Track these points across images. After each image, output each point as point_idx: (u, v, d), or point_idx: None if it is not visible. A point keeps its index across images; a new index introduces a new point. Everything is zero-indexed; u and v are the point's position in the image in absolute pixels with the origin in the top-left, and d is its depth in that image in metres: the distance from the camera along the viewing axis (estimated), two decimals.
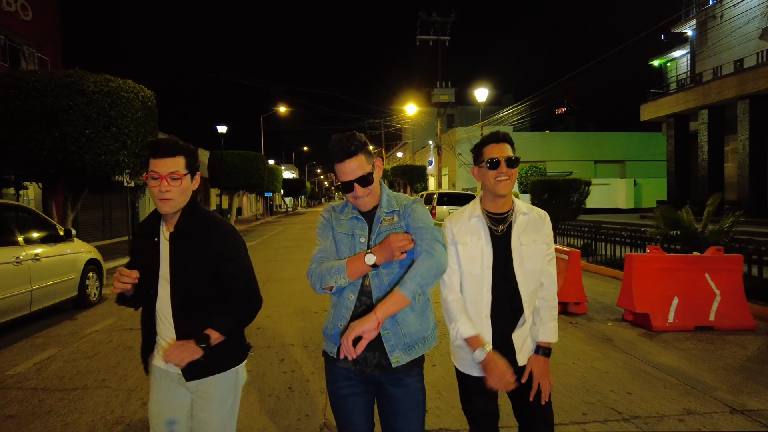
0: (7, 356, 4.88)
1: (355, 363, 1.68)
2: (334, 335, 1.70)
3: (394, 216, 1.74)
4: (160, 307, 1.80)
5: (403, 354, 1.65)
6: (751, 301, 6.25)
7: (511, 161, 1.84)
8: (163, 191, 1.68)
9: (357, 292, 1.69)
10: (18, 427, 3.27)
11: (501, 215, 1.91)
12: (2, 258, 5.39)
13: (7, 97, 9.44)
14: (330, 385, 1.76)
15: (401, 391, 1.68)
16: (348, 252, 1.73)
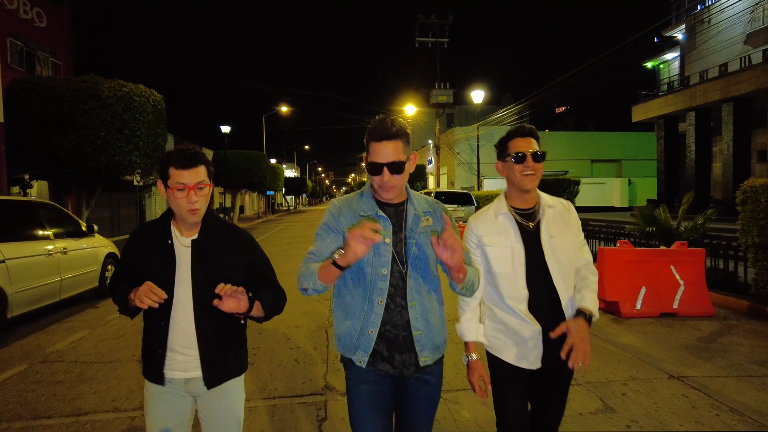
0: (45, 337, 5.50)
1: (394, 366, 1.64)
2: (365, 343, 1.63)
3: (429, 218, 1.71)
4: (177, 314, 1.71)
5: (431, 354, 1.67)
6: (713, 290, 6.87)
7: (537, 156, 1.82)
8: (192, 201, 1.67)
9: (385, 295, 1.63)
10: (68, 390, 3.89)
11: (528, 210, 1.88)
12: (37, 250, 6.01)
13: (28, 101, 10.06)
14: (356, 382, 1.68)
15: (426, 390, 1.70)
16: (372, 254, 1.63)
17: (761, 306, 6.03)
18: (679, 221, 8.64)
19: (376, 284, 1.63)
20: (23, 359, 4.70)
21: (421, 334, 1.63)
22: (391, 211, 1.68)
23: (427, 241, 1.65)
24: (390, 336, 1.63)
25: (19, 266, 5.56)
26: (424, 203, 1.73)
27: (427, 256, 1.67)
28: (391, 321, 1.63)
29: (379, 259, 1.63)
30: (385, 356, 1.64)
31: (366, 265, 1.65)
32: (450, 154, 31.53)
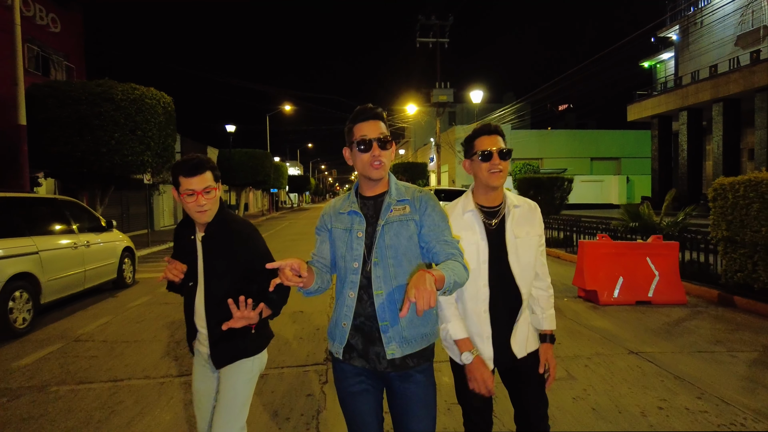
0: (73, 322, 6.07)
1: (368, 361, 1.64)
2: (339, 335, 1.68)
3: (406, 206, 1.68)
4: (197, 299, 1.98)
5: (399, 347, 1.61)
6: (689, 281, 7.38)
7: (503, 153, 1.84)
8: (201, 205, 1.85)
9: (356, 288, 1.65)
10: (102, 362, 4.45)
11: (493, 208, 1.90)
12: (65, 243, 6.58)
13: (46, 105, 10.63)
14: (338, 383, 1.72)
15: (411, 387, 1.65)
16: (344, 248, 1.68)
17: (729, 295, 6.53)
18: (661, 217, 9.15)
19: (347, 277, 1.66)
20: (58, 339, 5.27)
21: (387, 324, 1.60)
22: (371, 203, 1.71)
23: (401, 230, 1.64)
24: (365, 328, 1.64)
25: (49, 257, 6.13)
26: (403, 191, 1.70)
27: (399, 244, 1.64)
28: (365, 313, 1.63)
29: (351, 253, 1.66)
30: (360, 350, 1.65)
31: (339, 259, 1.71)
32: (451, 153, 32.04)
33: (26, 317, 5.58)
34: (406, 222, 1.64)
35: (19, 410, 3.47)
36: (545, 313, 1.92)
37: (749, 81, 13.58)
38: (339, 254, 1.70)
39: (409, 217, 1.65)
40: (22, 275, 5.59)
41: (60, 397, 3.69)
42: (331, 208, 1.79)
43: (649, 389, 3.65)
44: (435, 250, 1.63)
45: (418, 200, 1.68)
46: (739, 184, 6.42)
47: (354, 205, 1.70)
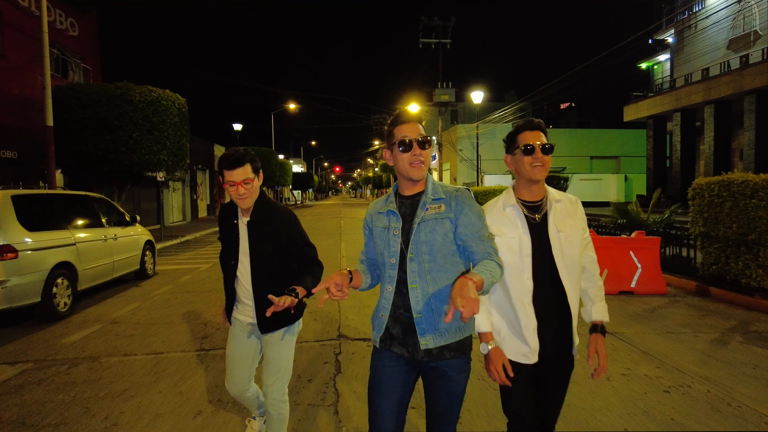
0: (106, 307, 6.70)
1: (407, 349, 1.73)
2: (378, 325, 1.81)
3: (441, 205, 1.74)
4: (241, 274, 2.32)
5: (433, 338, 1.68)
6: (671, 273, 7.96)
7: (545, 148, 1.86)
8: (240, 194, 2.17)
9: (394, 282, 1.75)
10: (141, 339, 5.07)
11: (536, 203, 1.92)
12: (96, 236, 7.20)
13: (70, 106, 11.25)
14: (374, 362, 1.82)
15: (445, 384, 1.73)
16: (382, 245, 1.79)
17: (705, 286, 7.10)
18: (648, 214, 9.72)
19: (386, 272, 1.77)
20: (96, 321, 5.90)
21: (421, 317, 1.68)
22: (408, 202, 1.80)
23: (436, 227, 1.72)
24: (403, 319, 1.73)
25: (84, 248, 6.75)
26: (440, 190, 1.78)
27: (435, 242, 1.71)
28: (404, 305, 1.73)
29: (389, 250, 1.76)
30: (400, 339, 1.74)
31: (378, 255, 1.84)
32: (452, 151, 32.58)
33: (66, 302, 6.20)
34: (441, 220, 1.72)
35: (80, 375, 4.09)
36: (596, 305, 1.92)
37: (739, 84, 14.10)
38: (378, 251, 1.83)
39: (444, 215, 1.72)
40: (63, 264, 6.21)
41: (111, 366, 4.31)
42: (372, 208, 1.92)
43: (617, 361, 4.25)
44: (472, 249, 1.71)
45: (454, 199, 1.75)
46: (713, 184, 6.99)
47: (392, 204, 1.81)
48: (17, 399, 3.62)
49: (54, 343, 5.02)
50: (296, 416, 3.23)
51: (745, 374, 3.93)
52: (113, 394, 3.67)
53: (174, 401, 3.52)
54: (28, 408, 3.46)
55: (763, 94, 14.11)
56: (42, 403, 3.54)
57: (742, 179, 6.56)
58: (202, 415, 3.28)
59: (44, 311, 5.82)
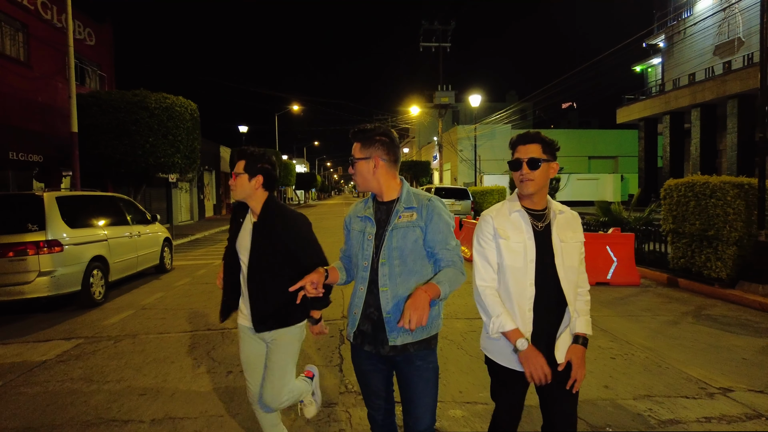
0: (134, 296, 7.49)
1: (375, 346, 1.88)
2: (351, 322, 1.95)
3: (413, 213, 1.86)
4: (243, 275, 2.32)
5: (398, 336, 1.83)
6: (646, 266, 8.70)
7: (533, 162, 1.87)
8: (230, 185, 2.31)
9: (366, 283, 1.89)
10: (171, 321, 5.86)
11: (539, 212, 1.95)
12: (123, 233, 7.99)
13: (91, 113, 12.07)
14: (354, 360, 2.02)
15: (412, 370, 1.87)
16: (357, 248, 1.94)
17: (675, 277, 7.84)
18: (629, 213, 10.47)
19: (359, 273, 1.92)
20: (129, 307, 6.69)
21: (390, 317, 1.83)
22: (384, 208, 1.93)
23: (407, 234, 1.85)
24: (373, 318, 1.88)
25: (114, 244, 7.55)
26: (412, 199, 1.89)
27: (405, 248, 1.84)
28: (375, 304, 1.87)
29: (362, 253, 1.91)
30: (370, 337, 1.89)
31: (354, 256, 1.99)
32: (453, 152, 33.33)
33: (101, 291, 7.00)
34: (413, 228, 1.84)
35: (126, 348, 4.88)
36: (580, 317, 1.91)
37: (722, 89, 14.78)
38: (353, 252, 1.98)
39: (416, 224, 1.85)
40: (98, 258, 7.00)
41: (150, 341, 5.10)
42: (353, 209, 2.06)
43: None
44: (438, 256, 1.85)
45: (425, 208, 1.86)
46: (680, 185, 7.73)
47: (369, 210, 1.95)
48: (80, 364, 4.41)
49: (97, 324, 5.82)
50: None
51: (683, 345, 4.69)
52: (157, 360, 4.46)
53: (208, 364, 4.32)
54: (90, 370, 4.25)
55: (744, 99, 14.82)
56: (100, 366, 4.33)
57: (703, 181, 7.30)
58: (233, 374, 4.07)
59: (83, 298, 6.62)
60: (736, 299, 6.60)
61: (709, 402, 3.44)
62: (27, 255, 5.89)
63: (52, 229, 6.15)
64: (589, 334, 1.90)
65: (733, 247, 6.96)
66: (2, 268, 5.79)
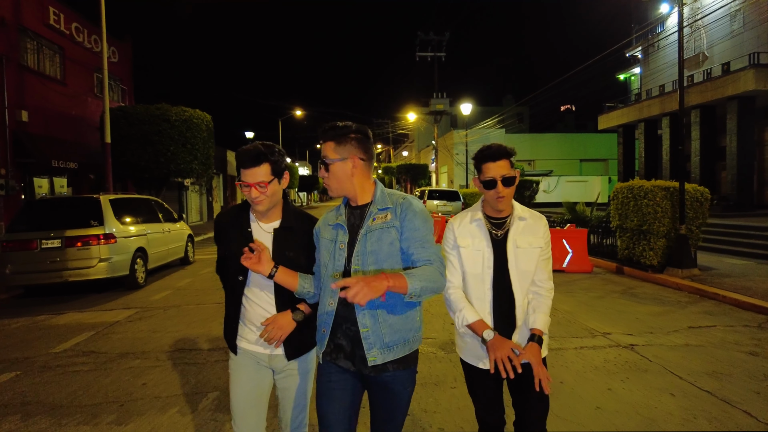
0: (168, 281, 9.03)
1: (354, 363, 1.70)
2: (320, 340, 1.77)
3: (388, 213, 1.73)
4: (252, 293, 1.91)
5: (380, 353, 1.65)
6: (601, 257, 10.19)
7: (507, 180, 1.89)
8: (254, 197, 1.83)
9: (336, 296, 1.70)
10: (205, 296, 7.38)
11: (501, 219, 2.00)
12: (157, 229, 9.52)
13: (119, 125, 13.63)
14: (319, 377, 1.79)
15: (389, 396, 1.72)
16: (327, 257, 1.76)
17: (621, 266, 9.33)
18: (591, 212, 11.99)
19: (327, 286, 1.72)
20: (167, 289, 8.23)
21: (368, 331, 1.65)
22: (357, 213, 1.78)
23: (382, 236, 1.69)
24: (350, 333, 1.70)
25: (152, 238, 9.09)
26: (387, 199, 1.75)
27: (381, 251, 1.69)
28: (351, 318, 1.68)
29: (333, 263, 1.73)
30: (347, 352, 1.71)
31: (321, 267, 1.80)
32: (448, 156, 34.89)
33: (143, 276, 8.55)
34: (388, 229, 1.70)
35: (174, 313, 6.42)
36: (537, 315, 1.94)
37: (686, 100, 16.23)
38: (322, 262, 1.78)
39: (391, 224, 1.70)
40: (140, 248, 8.55)
41: (191, 309, 6.63)
42: (324, 218, 1.88)
43: None
44: (414, 255, 1.68)
45: (399, 206, 1.72)
46: (624, 188, 9.24)
47: (341, 218, 1.78)
48: (144, 322, 5.96)
49: (146, 299, 7.36)
50: None
51: (596, 311, 6.19)
52: (201, 320, 5.99)
53: None
54: (153, 326, 5.78)
55: (705, 109, 16.32)
56: (160, 324, 5.87)
57: (639, 185, 8.81)
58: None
59: (130, 281, 8.16)
60: (662, 281, 8.10)
61: (590, 339, 4.96)
62: (90, 245, 7.44)
63: (108, 224, 7.70)
64: (544, 331, 1.93)
65: (662, 239, 8.46)
66: (73, 255, 7.35)
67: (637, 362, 4.32)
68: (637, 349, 4.67)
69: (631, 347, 4.72)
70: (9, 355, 4.86)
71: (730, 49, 16.35)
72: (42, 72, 13.79)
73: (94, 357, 4.70)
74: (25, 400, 3.73)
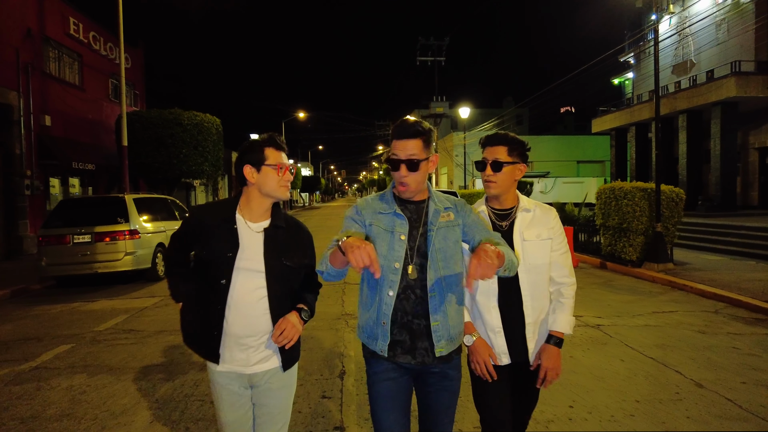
0: None
1: (415, 356, 1.69)
2: (382, 333, 1.70)
3: (450, 213, 1.77)
4: (237, 299, 1.73)
5: (446, 344, 1.71)
6: (586, 253, 10.92)
7: (496, 165, 1.88)
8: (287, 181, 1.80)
9: (396, 287, 1.68)
10: None
11: (505, 211, 1.96)
12: (175, 226, 10.25)
13: (134, 128, 14.40)
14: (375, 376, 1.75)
15: (446, 382, 1.75)
16: (385, 248, 1.71)
17: (604, 261, 10.06)
18: (579, 211, 12.73)
19: (387, 277, 1.69)
20: None
21: (439, 324, 1.69)
22: (413, 207, 1.77)
23: (448, 234, 1.74)
24: (412, 326, 1.70)
25: (170, 234, 9.84)
26: (445, 200, 1.80)
27: (448, 249, 1.73)
28: (412, 311, 1.70)
29: (392, 254, 1.70)
30: (407, 347, 1.70)
31: (379, 257, 1.68)
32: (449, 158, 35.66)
33: (163, 269, 9.30)
34: (453, 227, 1.77)
35: None
36: (554, 314, 1.92)
37: (673, 105, 16.99)
38: (379, 252, 1.71)
39: (455, 223, 1.77)
40: (160, 244, 9.30)
41: None
42: (368, 205, 1.80)
43: None
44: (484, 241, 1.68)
45: (459, 205, 1.82)
46: (607, 189, 9.98)
47: (396, 207, 1.76)
48: (171, 308, 6.70)
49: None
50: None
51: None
52: None
53: None
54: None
55: (692, 114, 17.04)
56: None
57: (619, 186, 9.55)
58: None
59: (151, 274, 8.92)
60: (639, 275, 8.83)
61: None
62: (117, 240, 8.20)
63: (133, 221, 8.46)
64: (566, 332, 1.90)
65: (641, 236, 9.19)
66: (102, 249, 8.11)
67: (600, 338, 5.06)
68: (603, 328, 5.41)
69: (597, 327, 5.46)
70: (60, 332, 5.62)
71: (716, 56, 17.08)
72: (63, 78, 14.59)
73: (133, 334, 5.45)
74: (86, 363, 4.49)
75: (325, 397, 3.65)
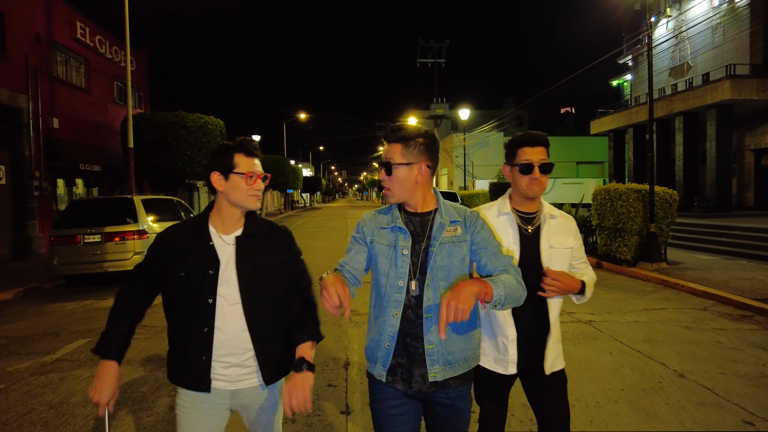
0: None
1: (411, 384, 1.59)
2: (382, 356, 1.61)
3: (458, 227, 1.64)
4: (222, 320, 1.62)
5: (442, 369, 1.58)
6: None
7: (545, 166, 1.85)
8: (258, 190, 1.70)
9: (401, 307, 1.59)
10: None
11: (530, 215, 1.92)
12: None
13: (139, 130, 14.67)
14: (377, 403, 1.65)
15: (452, 414, 1.64)
16: (387, 265, 1.62)
17: (600, 261, 10.31)
18: (576, 212, 12.97)
19: (391, 296, 1.60)
20: None
21: (434, 348, 1.57)
22: (417, 220, 1.66)
23: (453, 251, 1.61)
24: (410, 349, 1.60)
25: None
26: (453, 212, 1.67)
27: (452, 267, 1.61)
28: (412, 333, 1.59)
29: (395, 271, 1.60)
30: (405, 372, 1.60)
31: (381, 276, 1.64)
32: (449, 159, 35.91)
33: None
34: (459, 243, 1.63)
35: None
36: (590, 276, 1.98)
37: (670, 107, 17.23)
38: (382, 271, 1.64)
39: (462, 239, 1.63)
40: None
41: None
42: (371, 220, 1.73)
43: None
44: (488, 266, 1.61)
45: (469, 219, 1.67)
46: (602, 190, 10.23)
47: (398, 220, 1.65)
48: None
49: None
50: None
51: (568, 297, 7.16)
52: None
53: None
54: None
55: (688, 116, 17.29)
56: None
57: (615, 187, 9.80)
58: None
59: None
60: (633, 274, 9.08)
61: None
62: (126, 240, 8.47)
63: (141, 221, 8.73)
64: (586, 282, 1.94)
65: (635, 236, 9.44)
66: (111, 248, 8.38)
67: (591, 333, 5.32)
68: (594, 324, 5.67)
69: (589, 323, 5.72)
70: (76, 327, 5.88)
71: (712, 59, 17.34)
72: (69, 82, 14.87)
73: (146, 329, 5.71)
74: None
75: (330, 385, 3.90)
